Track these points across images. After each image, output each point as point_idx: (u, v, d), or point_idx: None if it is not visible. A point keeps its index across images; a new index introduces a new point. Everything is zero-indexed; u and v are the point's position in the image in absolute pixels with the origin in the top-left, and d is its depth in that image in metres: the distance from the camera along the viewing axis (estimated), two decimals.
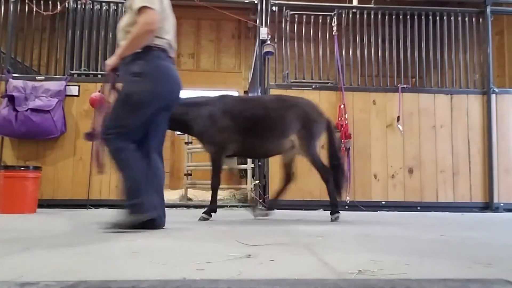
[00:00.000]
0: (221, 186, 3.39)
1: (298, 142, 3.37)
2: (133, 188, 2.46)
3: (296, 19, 5.08)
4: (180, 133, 3.90)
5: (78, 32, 4.80)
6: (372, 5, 5.19)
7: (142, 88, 2.49)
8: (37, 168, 3.93)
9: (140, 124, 2.55)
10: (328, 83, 5.06)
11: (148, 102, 2.52)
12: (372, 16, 5.09)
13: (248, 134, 3.31)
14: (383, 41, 5.09)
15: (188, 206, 4.88)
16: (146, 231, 2.45)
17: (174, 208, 4.64)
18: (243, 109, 3.34)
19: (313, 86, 4.91)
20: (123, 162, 2.48)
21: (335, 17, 5.03)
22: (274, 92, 4.83)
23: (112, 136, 2.47)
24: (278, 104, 3.42)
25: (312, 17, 5.08)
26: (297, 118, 3.36)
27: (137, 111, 2.51)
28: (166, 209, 2.73)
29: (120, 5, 4.89)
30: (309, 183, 4.71)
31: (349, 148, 4.72)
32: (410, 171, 4.84)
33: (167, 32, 2.62)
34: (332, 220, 3.30)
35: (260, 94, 4.94)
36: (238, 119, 3.29)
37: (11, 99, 4.37)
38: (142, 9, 2.42)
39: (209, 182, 3.43)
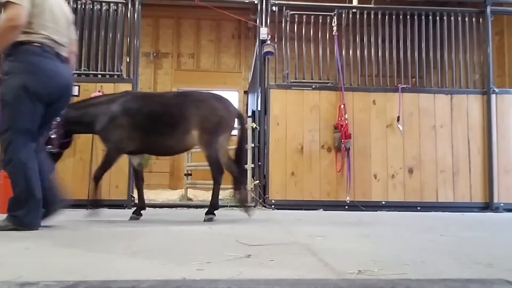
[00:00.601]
0: (221, 186, 3.36)
1: (198, 135, 3.24)
2: (19, 199, 2.38)
3: (296, 19, 5.08)
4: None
5: (78, 32, 4.79)
6: (372, 5, 5.19)
7: (12, 86, 2.42)
8: None
9: (30, 121, 2.47)
10: (328, 83, 5.06)
11: (22, 98, 2.41)
12: (372, 16, 5.09)
13: (148, 131, 3.24)
14: (383, 41, 5.09)
15: (188, 206, 4.88)
16: (146, 231, 2.45)
17: (174, 208, 4.64)
18: (143, 106, 3.28)
19: (313, 86, 4.91)
20: (15, 173, 2.41)
21: (335, 17, 5.03)
22: (274, 92, 4.84)
23: (7, 142, 2.41)
24: (180, 100, 3.34)
25: (312, 17, 5.08)
26: (200, 113, 3.24)
27: (15, 110, 2.42)
28: (166, 208, 2.73)
29: (120, 5, 4.89)
30: (309, 183, 4.72)
31: (349, 148, 4.72)
32: (410, 171, 4.84)
33: (46, 27, 2.51)
34: (204, 220, 3.18)
35: (257, 93, 4.95)
36: (137, 116, 3.22)
37: None
38: (6, 4, 2.36)
39: (209, 182, 3.41)
